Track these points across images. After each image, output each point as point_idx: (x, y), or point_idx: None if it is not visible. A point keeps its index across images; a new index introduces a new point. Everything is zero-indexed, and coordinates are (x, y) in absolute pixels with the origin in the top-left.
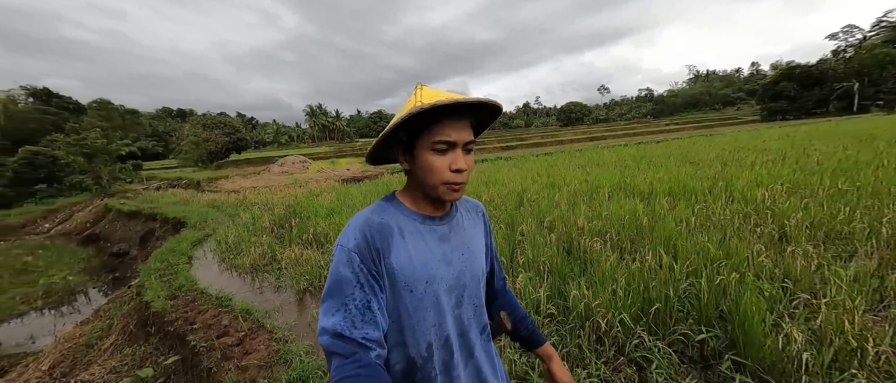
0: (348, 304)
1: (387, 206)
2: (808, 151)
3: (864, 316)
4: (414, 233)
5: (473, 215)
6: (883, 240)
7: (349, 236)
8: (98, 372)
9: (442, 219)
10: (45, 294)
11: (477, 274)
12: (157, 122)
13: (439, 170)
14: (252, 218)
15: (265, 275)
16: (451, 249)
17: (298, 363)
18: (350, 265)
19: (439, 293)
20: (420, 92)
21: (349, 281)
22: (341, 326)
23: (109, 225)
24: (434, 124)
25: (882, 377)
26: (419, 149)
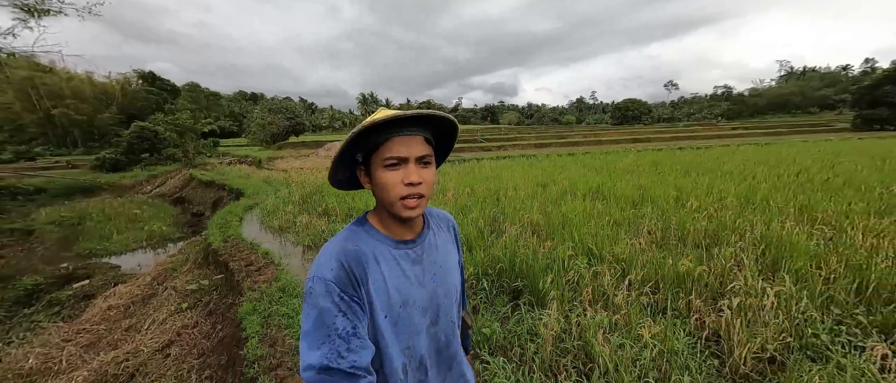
0: (331, 335)
1: (359, 232)
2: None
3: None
4: (388, 258)
5: (445, 231)
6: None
7: (324, 267)
8: (179, 282)
9: (415, 241)
10: (148, 238)
11: (451, 291)
12: (233, 104)
13: (393, 186)
14: (288, 192)
15: (287, 234)
16: (422, 272)
17: (286, 279)
18: (329, 295)
19: (413, 315)
20: (376, 113)
21: (329, 311)
22: (328, 358)
23: (192, 191)
24: (384, 142)
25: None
26: (373, 167)
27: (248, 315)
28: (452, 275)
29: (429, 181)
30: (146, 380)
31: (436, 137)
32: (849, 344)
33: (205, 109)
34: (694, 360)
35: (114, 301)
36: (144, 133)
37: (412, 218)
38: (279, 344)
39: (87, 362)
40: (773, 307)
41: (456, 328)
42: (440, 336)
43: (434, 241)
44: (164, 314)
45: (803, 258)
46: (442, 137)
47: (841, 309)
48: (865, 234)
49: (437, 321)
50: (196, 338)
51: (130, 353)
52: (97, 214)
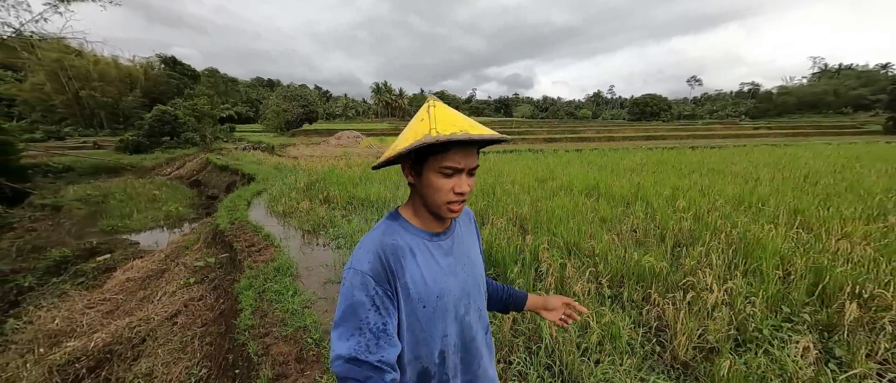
0: (363, 328)
1: (394, 226)
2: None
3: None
4: (423, 250)
5: (467, 222)
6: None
7: (362, 259)
8: (189, 259)
9: (445, 233)
10: (165, 217)
11: (479, 280)
12: (250, 90)
13: (444, 192)
14: (295, 179)
15: (289, 218)
16: (455, 261)
17: (281, 260)
18: (365, 288)
19: (448, 305)
20: (433, 112)
21: (363, 304)
22: (357, 350)
23: (208, 174)
24: (444, 151)
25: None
26: (427, 169)
27: (245, 290)
28: (478, 265)
29: (472, 188)
30: (155, 343)
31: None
32: (788, 339)
33: (223, 95)
34: (640, 347)
35: (131, 274)
36: (165, 117)
37: (452, 218)
38: (269, 316)
39: (105, 326)
40: (720, 302)
41: (482, 314)
42: (472, 324)
43: (461, 233)
44: (173, 287)
45: (770, 258)
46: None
47: (791, 307)
48: (840, 239)
49: (468, 310)
50: (201, 310)
51: (143, 320)
52: (120, 193)
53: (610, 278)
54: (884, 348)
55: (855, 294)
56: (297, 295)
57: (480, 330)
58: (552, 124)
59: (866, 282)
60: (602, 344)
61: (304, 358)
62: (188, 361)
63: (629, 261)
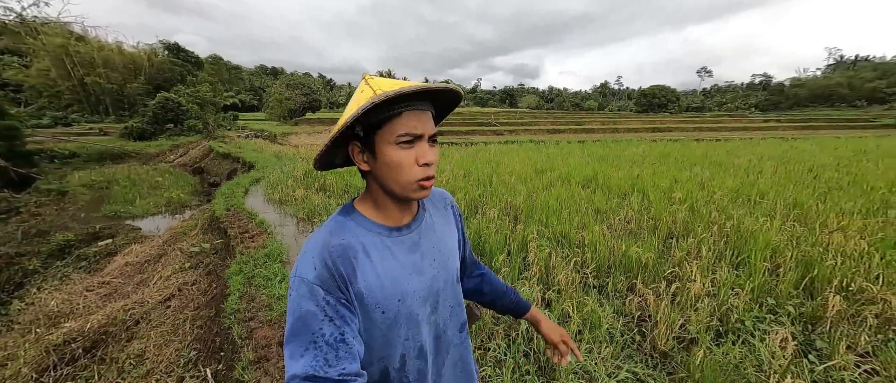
0: (318, 341)
1: (346, 222)
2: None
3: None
4: (380, 249)
5: (442, 210)
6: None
7: (307, 266)
8: (186, 244)
9: (409, 226)
10: (167, 203)
11: (451, 275)
12: (254, 78)
13: (407, 166)
14: (292, 167)
15: (286, 206)
16: (421, 257)
17: (273, 246)
18: (313, 298)
19: (413, 307)
20: (372, 82)
21: (314, 315)
22: (313, 367)
23: (210, 161)
24: (396, 116)
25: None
26: (380, 145)
27: (234, 275)
28: (452, 257)
29: (437, 161)
30: (148, 326)
31: (437, 111)
32: (769, 330)
33: (226, 82)
34: (620, 335)
35: (131, 258)
36: (168, 104)
37: (422, 199)
38: (256, 301)
39: (101, 308)
40: (704, 293)
41: (455, 311)
42: (439, 322)
43: (431, 222)
44: (169, 272)
45: (760, 251)
46: (440, 111)
47: (777, 299)
48: (833, 232)
49: (436, 309)
50: (194, 294)
51: (138, 303)
52: (123, 180)
53: (596, 268)
54: (864, 341)
55: (842, 287)
56: (285, 281)
57: (452, 326)
58: (557, 115)
59: (855, 276)
60: (581, 333)
61: None
62: (179, 343)
63: (617, 252)
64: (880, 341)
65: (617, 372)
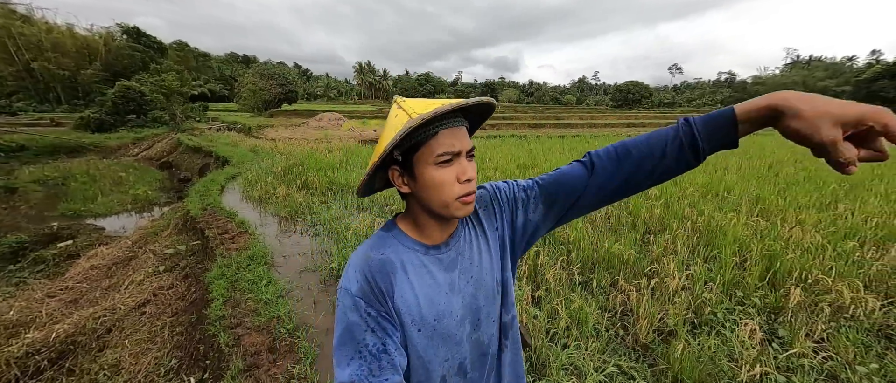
0: (362, 351)
1: (387, 238)
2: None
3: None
4: (418, 266)
5: (478, 215)
6: None
7: (351, 279)
8: (158, 246)
9: (448, 243)
10: (133, 201)
11: (491, 290)
12: (224, 67)
13: (448, 185)
14: (271, 163)
15: (266, 204)
16: (458, 276)
17: (255, 248)
18: (357, 310)
19: (450, 327)
20: (404, 105)
21: (359, 326)
22: (358, 376)
23: (179, 156)
24: (432, 136)
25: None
26: (420, 166)
27: (216, 279)
28: (493, 269)
29: (476, 175)
30: (122, 334)
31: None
32: (739, 322)
33: (194, 70)
34: (605, 331)
35: (96, 261)
36: (130, 93)
37: (466, 215)
38: (241, 306)
39: (67, 316)
40: (680, 288)
41: (500, 325)
42: (483, 339)
43: (469, 237)
44: (141, 275)
45: (729, 246)
46: (473, 123)
47: (744, 291)
48: (794, 227)
49: (478, 326)
50: (171, 299)
51: (108, 310)
52: (81, 175)
53: (581, 265)
54: (820, 329)
55: (801, 279)
56: (272, 284)
57: (497, 341)
58: (537, 109)
59: (812, 268)
60: (569, 329)
61: (276, 348)
62: (158, 352)
63: (600, 249)
64: (834, 328)
65: (604, 367)
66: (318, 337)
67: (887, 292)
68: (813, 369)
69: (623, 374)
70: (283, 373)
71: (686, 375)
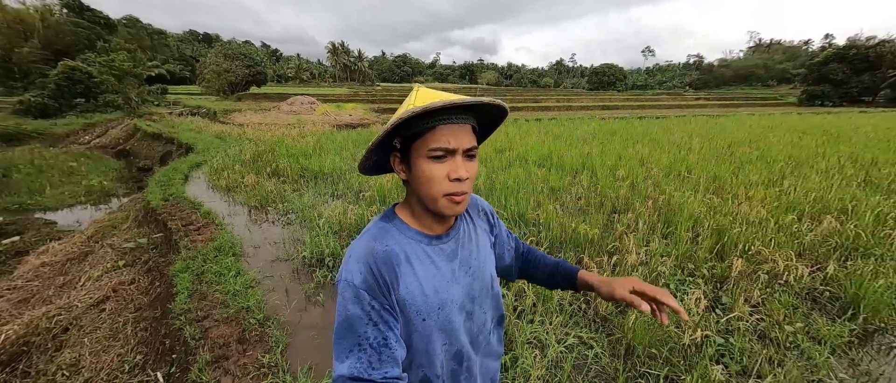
0: (362, 344)
1: (388, 228)
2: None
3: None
4: (421, 257)
5: (476, 217)
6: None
7: (353, 270)
8: (117, 240)
9: (447, 235)
10: (87, 193)
11: (487, 280)
12: (184, 45)
13: (438, 180)
14: (240, 150)
15: (234, 194)
16: (459, 265)
17: (223, 238)
18: (359, 302)
19: (452, 315)
20: (415, 94)
21: (360, 318)
22: (357, 369)
23: (137, 143)
24: (429, 130)
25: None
26: (415, 157)
27: (180, 272)
28: (488, 265)
29: (473, 174)
30: (80, 332)
31: (480, 124)
32: (690, 291)
33: (149, 49)
34: (568, 305)
35: (47, 258)
36: (75, 74)
37: (455, 215)
38: (208, 299)
39: (17, 316)
40: (638, 262)
41: (492, 314)
42: (473, 328)
43: (468, 230)
44: (99, 271)
45: (685, 222)
46: (484, 125)
47: (695, 263)
48: (742, 203)
49: (472, 316)
50: (133, 294)
51: (63, 308)
52: (25, 165)
53: (550, 245)
54: (756, 295)
55: (744, 250)
56: (241, 275)
57: (487, 328)
58: (516, 92)
59: (754, 240)
60: (535, 306)
61: (246, 338)
62: (121, 348)
63: (568, 229)
64: (769, 294)
65: (565, 339)
66: (290, 326)
67: (817, 259)
68: (748, 330)
69: (583, 344)
70: (253, 363)
71: (637, 342)
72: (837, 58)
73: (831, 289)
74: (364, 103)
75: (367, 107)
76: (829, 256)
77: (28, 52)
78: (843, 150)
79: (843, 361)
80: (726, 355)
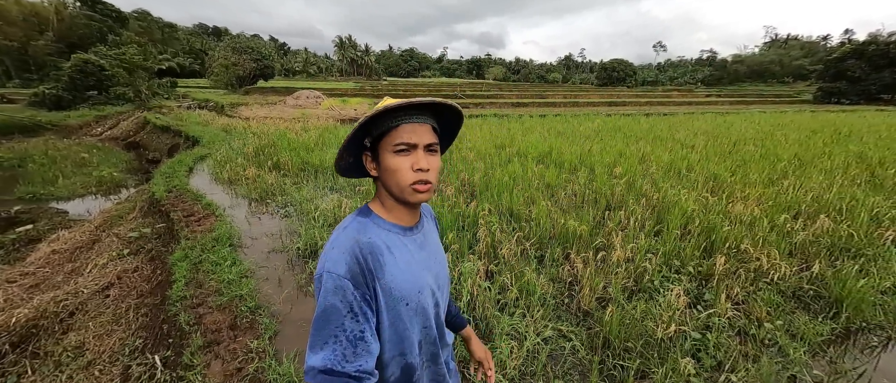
0: (339, 336)
1: (367, 224)
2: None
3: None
4: (399, 246)
5: (429, 219)
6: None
7: (338, 261)
8: (123, 229)
9: (417, 227)
10: (97, 183)
11: (446, 271)
12: (193, 39)
13: (403, 171)
14: (243, 143)
15: (236, 187)
16: (428, 255)
17: (222, 229)
18: (341, 293)
19: (427, 299)
20: (382, 102)
21: (338, 310)
22: (331, 361)
23: (147, 135)
24: (393, 128)
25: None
26: (382, 153)
27: (179, 261)
28: (444, 258)
29: (435, 168)
30: (86, 316)
31: (441, 127)
32: (672, 288)
33: (159, 42)
34: (552, 299)
35: (58, 245)
36: (87, 67)
37: (420, 202)
38: (204, 287)
39: (27, 301)
40: (624, 259)
41: (443, 305)
42: (440, 314)
43: (429, 228)
44: (105, 259)
45: (676, 220)
46: (447, 127)
47: (682, 261)
48: (736, 202)
49: (438, 303)
50: (136, 281)
51: (71, 293)
52: (40, 156)
53: (538, 241)
54: (736, 292)
55: (731, 249)
56: (236, 265)
57: (443, 312)
58: (523, 88)
59: (743, 239)
60: (519, 300)
61: (237, 325)
62: (123, 333)
63: (558, 225)
64: (752, 292)
65: (543, 331)
66: (280, 314)
67: (807, 258)
68: (726, 327)
69: (563, 337)
70: (242, 348)
71: (614, 336)
72: (856, 54)
73: (816, 288)
74: (370, 98)
75: (372, 102)
76: (819, 255)
77: (43, 45)
78: (852, 150)
79: (821, 359)
80: (702, 350)
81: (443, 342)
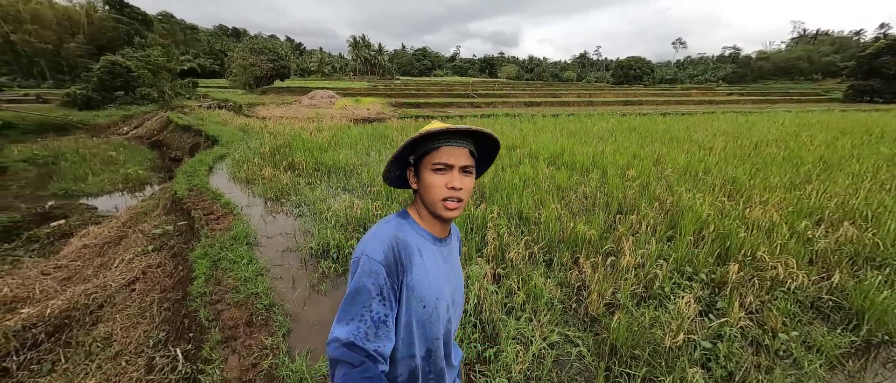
0: (365, 315)
1: (404, 224)
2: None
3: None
4: (429, 252)
5: (456, 240)
6: None
7: (377, 249)
8: (147, 226)
9: (444, 241)
10: (124, 180)
11: (462, 293)
12: (214, 40)
13: (438, 188)
14: (259, 143)
15: (253, 186)
16: (449, 270)
17: (239, 228)
18: (375, 276)
19: (441, 309)
20: (427, 125)
21: (369, 292)
22: (355, 335)
23: (170, 134)
24: (435, 149)
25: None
26: (423, 170)
27: (199, 258)
28: (462, 278)
29: (468, 188)
30: (113, 309)
31: (479, 152)
32: (684, 295)
33: (182, 44)
34: (559, 304)
35: (88, 240)
36: (115, 69)
37: (450, 218)
38: (223, 284)
39: (61, 292)
40: (634, 265)
41: (454, 325)
42: (451, 329)
43: (454, 246)
44: (131, 254)
45: (689, 225)
46: (484, 152)
47: (695, 267)
48: (753, 207)
49: (452, 317)
50: (159, 276)
51: (100, 287)
52: (71, 154)
53: (547, 244)
54: (750, 301)
55: (746, 256)
56: (252, 263)
57: (452, 337)
58: (535, 87)
59: (760, 246)
60: (525, 305)
61: (253, 322)
62: (147, 325)
63: (567, 229)
64: (768, 300)
65: (550, 337)
66: (293, 313)
67: (828, 267)
68: (738, 336)
69: (569, 342)
70: (257, 344)
71: (621, 342)
72: (891, 49)
73: (836, 299)
74: (383, 97)
75: (385, 101)
76: (841, 264)
77: (75, 48)
78: (883, 152)
79: (839, 373)
80: (712, 360)
81: (449, 362)
